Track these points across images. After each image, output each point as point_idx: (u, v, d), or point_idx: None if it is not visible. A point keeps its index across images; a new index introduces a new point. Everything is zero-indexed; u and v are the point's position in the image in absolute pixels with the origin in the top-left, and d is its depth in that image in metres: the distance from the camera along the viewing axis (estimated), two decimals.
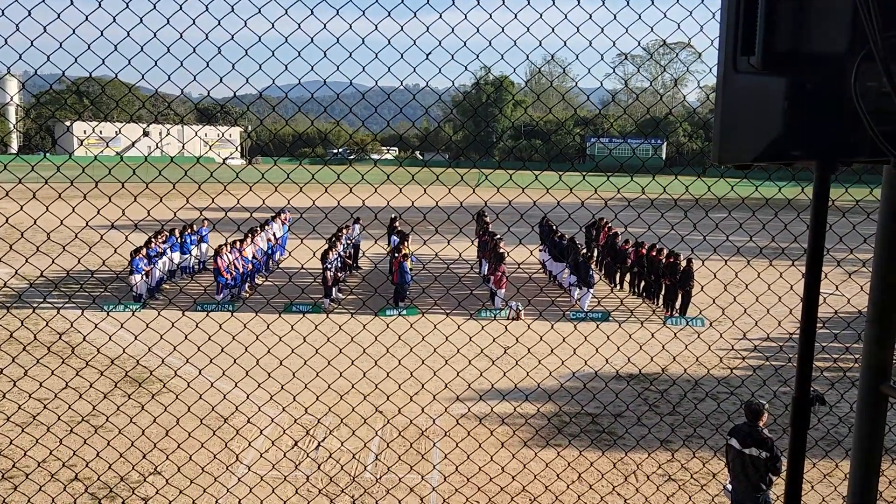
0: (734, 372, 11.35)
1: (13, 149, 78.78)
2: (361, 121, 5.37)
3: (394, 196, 5.33)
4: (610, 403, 8.93)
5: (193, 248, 21.95)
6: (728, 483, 7.49)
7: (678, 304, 17.97)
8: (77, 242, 5.87)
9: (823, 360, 12.67)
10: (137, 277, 17.86)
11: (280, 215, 24.42)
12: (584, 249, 20.55)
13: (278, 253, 23.74)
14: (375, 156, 73.02)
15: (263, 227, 22.51)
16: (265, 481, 8.36)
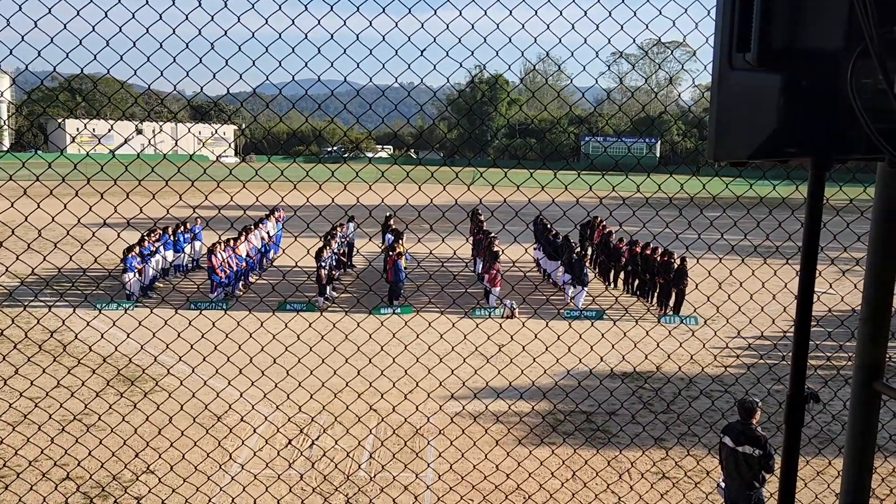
0: (728, 370, 11.38)
1: (5, 146, 78.22)
2: (356, 118, 5.35)
3: (388, 194, 5.31)
4: (604, 401, 8.94)
5: (187, 246, 21.89)
6: (721, 481, 7.50)
7: (672, 303, 18.03)
8: (69, 240, 5.83)
9: (817, 358, 12.72)
10: (130, 275, 17.78)
11: (274, 213, 24.38)
12: (579, 248, 20.58)
13: (272, 251, 23.69)
14: (370, 154, 72.98)
15: (257, 225, 22.47)
16: (259, 480, 8.34)
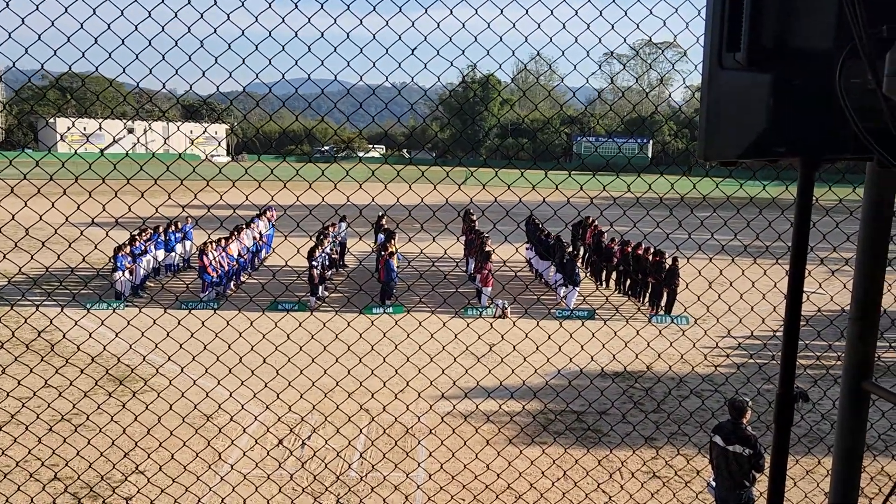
0: (718, 369, 11.42)
1: None
2: (346, 116, 5.32)
3: (379, 193, 5.29)
4: (595, 401, 8.95)
5: (178, 246, 21.79)
6: (711, 480, 7.53)
7: (663, 302, 18.09)
8: (57, 239, 5.79)
9: (806, 358, 12.78)
10: (119, 274, 17.68)
11: (266, 213, 24.29)
12: (570, 248, 20.61)
13: (264, 250, 23.61)
14: (361, 153, 72.77)
15: (249, 225, 22.39)
16: (249, 480, 8.30)
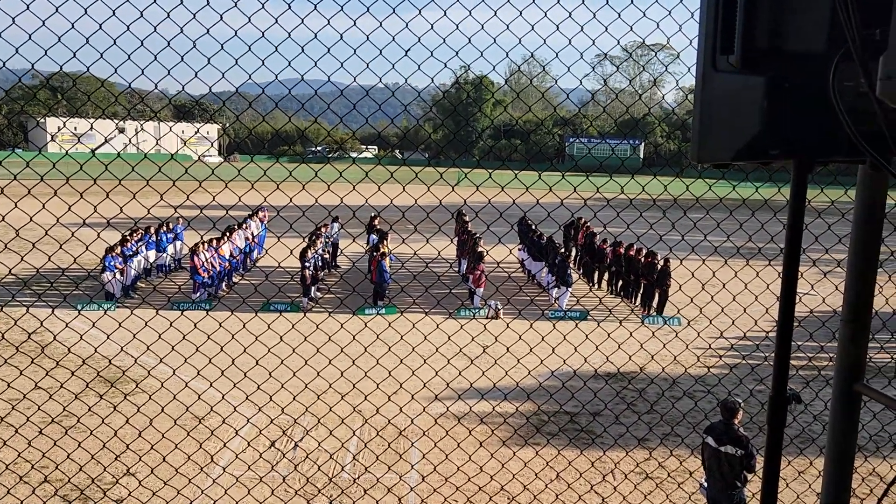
0: (711, 370, 11.45)
1: None
2: (340, 117, 5.30)
3: (372, 194, 5.28)
4: (588, 402, 8.96)
5: (169, 247, 21.69)
6: (703, 481, 7.54)
7: (655, 303, 18.13)
8: (47, 240, 5.74)
9: (798, 359, 12.83)
10: (109, 275, 17.58)
11: (258, 213, 24.21)
12: (563, 249, 20.64)
13: (256, 251, 23.53)
14: (354, 154, 72.57)
15: (241, 226, 22.31)
16: (241, 483, 8.26)
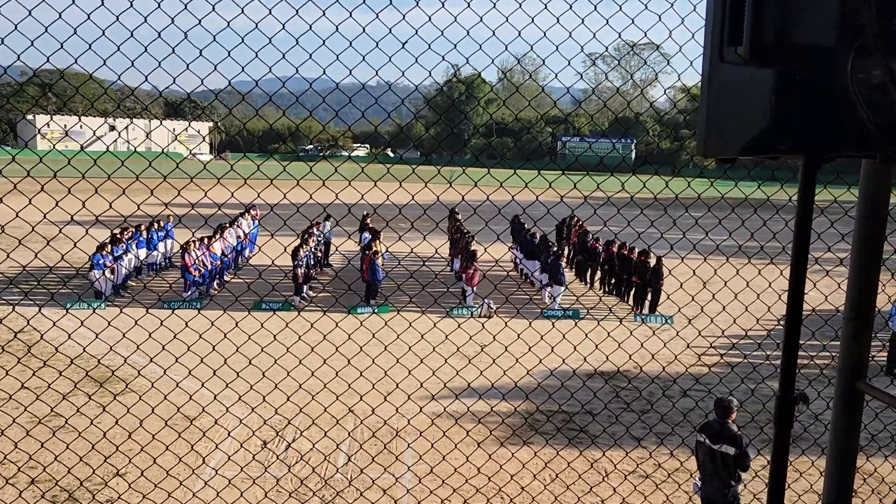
0: (711, 370, 11.38)
1: None
2: (335, 111, 5.17)
3: (367, 191, 5.16)
4: (587, 402, 8.86)
5: (160, 244, 21.47)
6: (698, 479, 7.46)
7: (648, 302, 18.10)
8: (34, 237, 5.59)
9: (801, 358, 12.77)
10: (97, 273, 17.37)
11: (250, 211, 24.01)
12: (556, 247, 20.59)
13: (248, 249, 23.33)
14: (346, 151, 72.44)
15: (233, 223, 22.11)
16: (233, 484, 8.11)
